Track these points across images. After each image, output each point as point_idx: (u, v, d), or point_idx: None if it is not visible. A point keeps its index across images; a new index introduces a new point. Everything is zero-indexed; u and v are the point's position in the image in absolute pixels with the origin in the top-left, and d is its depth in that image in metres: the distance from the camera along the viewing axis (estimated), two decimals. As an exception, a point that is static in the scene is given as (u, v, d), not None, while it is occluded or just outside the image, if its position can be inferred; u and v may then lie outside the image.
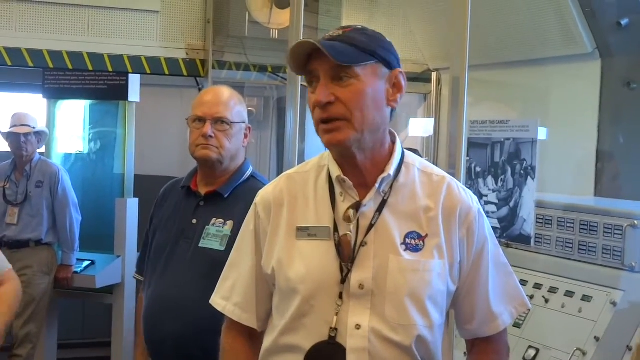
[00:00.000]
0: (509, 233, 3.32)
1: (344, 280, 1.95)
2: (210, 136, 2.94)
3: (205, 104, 3.01)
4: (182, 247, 2.96)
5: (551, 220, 3.24)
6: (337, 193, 2.02)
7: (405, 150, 2.09)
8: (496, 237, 2.16)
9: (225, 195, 2.98)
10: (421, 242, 1.99)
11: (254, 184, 2.95)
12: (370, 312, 1.94)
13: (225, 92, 3.05)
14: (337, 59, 1.89)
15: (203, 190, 3.03)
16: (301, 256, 2.00)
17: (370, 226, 1.98)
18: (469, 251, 2.05)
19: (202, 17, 5.78)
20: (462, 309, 2.10)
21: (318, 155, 2.16)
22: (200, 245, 2.92)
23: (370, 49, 1.96)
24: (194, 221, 2.98)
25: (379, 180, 2.00)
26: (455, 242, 2.02)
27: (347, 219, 1.98)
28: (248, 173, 3.07)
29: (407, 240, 1.98)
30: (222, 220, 2.93)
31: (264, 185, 2.34)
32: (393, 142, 2.07)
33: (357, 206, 1.98)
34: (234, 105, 3.00)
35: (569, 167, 4.44)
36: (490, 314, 2.09)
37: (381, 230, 1.98)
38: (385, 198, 2.01)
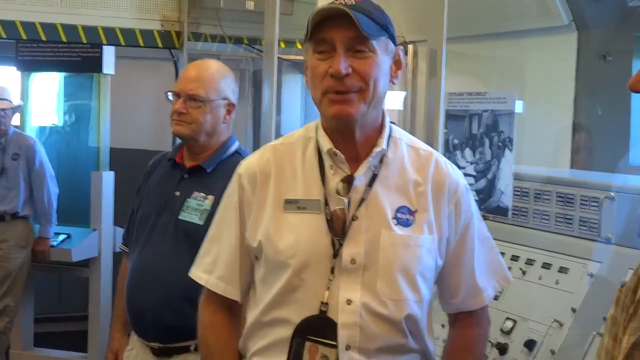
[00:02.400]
0: (486, 205, 3.33)
1: (336, 254, 1.94)
2: (182, 112, 2.94)
3: (183, 79, 3.01)
4: (164, 219, 2.98)
5: (528, 192, 3.26)
6: (327, 166, 2.00)
7: (392, 125, 2.08)
8: (474, 209, 2.17)
9: (209, 170, 2.99)
10: (411, 217, 1.99)
11: (237, 160, 2.90)
12: (361, 287, 1.93)
13: (210, 67, 3.04)
14: (365, 30, 1.86)
15: (188, 164, 3.04)
16: (290, 228, 1.97)
17: (362, 200, 1.97)
18: (457, 226, 2.06)
19: (177, -12, 5.72)
20: (448, 283, 2.11)
21: (303, 127, 2.13)
22: (179, 217, 2.94)
23: (384, 23, 1.94)
24: (177, 193, 2.99)
25: (372, 154, 1.99)
26: (444, 217, 2.03)
27: (339, 193, 1.97)
28: (233, 148, 3.06)
29: (398, 215, 1.98)
30: (203, 195, 2.94)
31: None
32: (382, 117, 2.06)
33: (349, 180, 1.97)
34: (214, 82, 2.98)
35: (546, 139, 4.45)
36: (475, 288, 2.10)
37: (372, 205, 1.97)
38: (375, 172, 2.00)
